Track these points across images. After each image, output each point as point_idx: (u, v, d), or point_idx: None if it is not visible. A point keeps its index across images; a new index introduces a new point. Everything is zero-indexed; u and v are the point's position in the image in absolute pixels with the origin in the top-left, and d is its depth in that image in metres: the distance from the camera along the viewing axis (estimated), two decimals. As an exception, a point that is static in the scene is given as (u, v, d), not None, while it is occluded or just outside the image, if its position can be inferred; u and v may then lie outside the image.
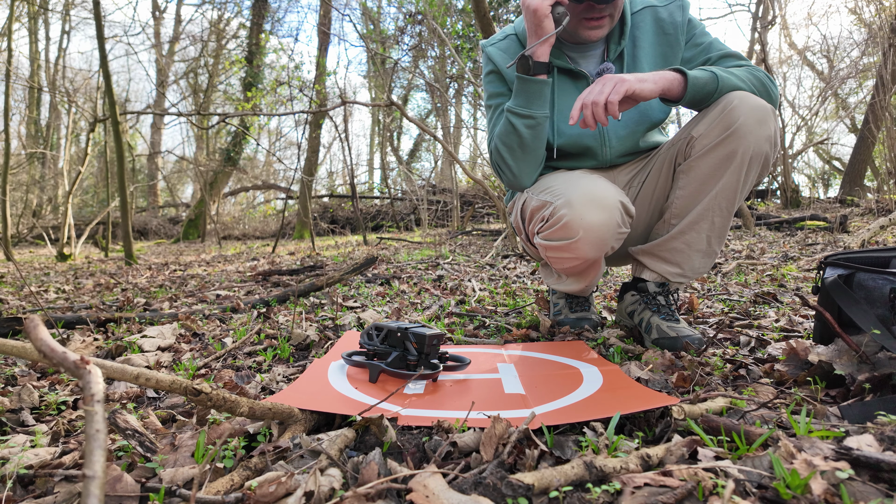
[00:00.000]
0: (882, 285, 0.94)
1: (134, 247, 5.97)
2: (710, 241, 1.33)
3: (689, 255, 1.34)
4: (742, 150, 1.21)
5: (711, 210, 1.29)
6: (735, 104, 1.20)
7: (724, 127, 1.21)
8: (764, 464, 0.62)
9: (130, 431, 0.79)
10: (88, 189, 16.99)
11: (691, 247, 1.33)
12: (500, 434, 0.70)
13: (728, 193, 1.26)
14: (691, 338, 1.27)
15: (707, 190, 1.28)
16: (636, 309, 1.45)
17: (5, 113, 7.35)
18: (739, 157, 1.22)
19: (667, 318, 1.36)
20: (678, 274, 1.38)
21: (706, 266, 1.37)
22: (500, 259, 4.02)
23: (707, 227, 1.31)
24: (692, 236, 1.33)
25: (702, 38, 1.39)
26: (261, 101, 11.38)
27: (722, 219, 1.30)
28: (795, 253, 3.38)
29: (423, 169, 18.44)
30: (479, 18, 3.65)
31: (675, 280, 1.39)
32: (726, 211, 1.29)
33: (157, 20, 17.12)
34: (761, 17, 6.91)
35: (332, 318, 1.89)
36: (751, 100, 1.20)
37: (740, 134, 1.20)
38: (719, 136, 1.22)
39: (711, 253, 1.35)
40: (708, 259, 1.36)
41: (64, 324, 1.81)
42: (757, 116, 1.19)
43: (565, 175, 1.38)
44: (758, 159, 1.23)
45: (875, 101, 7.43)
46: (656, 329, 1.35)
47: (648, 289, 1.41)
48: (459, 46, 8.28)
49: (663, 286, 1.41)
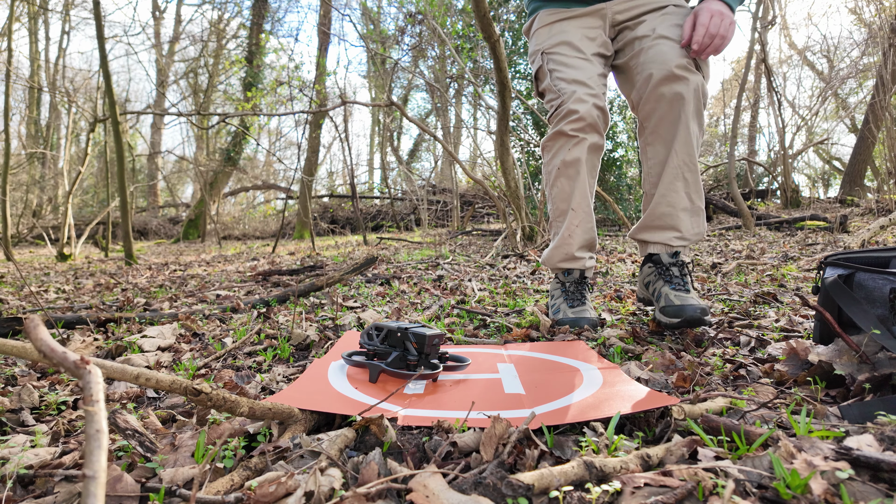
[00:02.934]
0: (882, 285, 0.94)
1: (134, 247, 5.97)
2: (690, 198, 1.48)
3: (676, 215, 1.48)
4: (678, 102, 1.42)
5: (679, 167, 1.46)
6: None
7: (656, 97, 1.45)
8: (764, 464, 0.62)
9: (130, 431, 0.79)
10: (88, 189, 16.99)
11: (676, 207, 1.48)
12: (500, 434, 0.70)
13: (686, 147, 1.45)
14: (694, 307, 1.32)
15: (668, 153, 1.47)
16: (651, 280, 1.52)
17: (5, 113, 7.35)
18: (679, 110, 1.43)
19: (676, 288, 1.41)
20: (678, 237, 1.49)
21: (698, 224, 1.50)
22: (500, 259, 4.03)
23: (682, 185, 1.47)
24: (673, 197, 1.47)
25: None
26: (261, 101, 11.38)
27: (691, 172, 1.47)
28: (795, 253, 3.38)
29: (423, 169, 18.45)
30: (479, 18, 3.65)
31: (677, 244, 1.50)
32: (692, 164, 1.47)
33: (157, 20, 17.12)
34: (761, 17, 6.91)
35: (332, 318, 1.89)
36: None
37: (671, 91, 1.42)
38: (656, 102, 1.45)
39: (697, 210, 1.49)
40: (696, 217, 1.50)
41: (64, 324, 1.81)
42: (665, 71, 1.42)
43: (571, 71, 1.57)
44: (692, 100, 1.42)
45: (875, 101, 7.43)
46: (664, 297, 1.40)
47: (662, 260, 1.50)
48: (459, 46, 8.28)
49: (676, 256, 1.50)
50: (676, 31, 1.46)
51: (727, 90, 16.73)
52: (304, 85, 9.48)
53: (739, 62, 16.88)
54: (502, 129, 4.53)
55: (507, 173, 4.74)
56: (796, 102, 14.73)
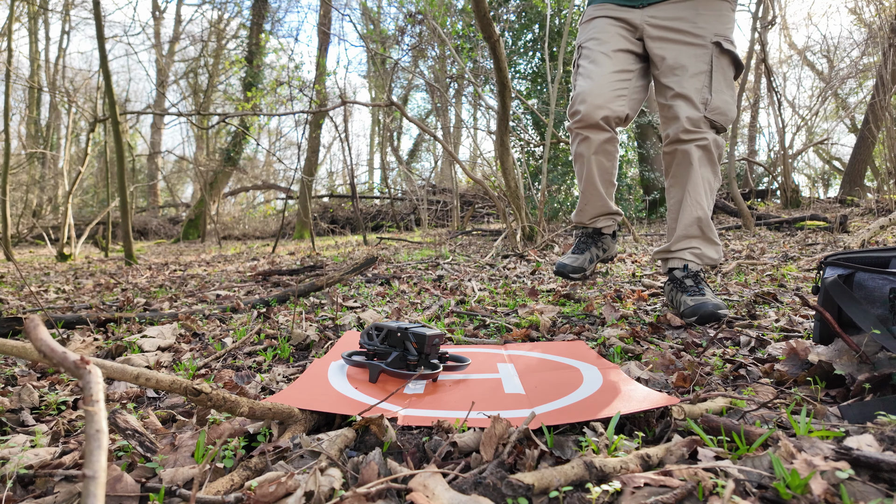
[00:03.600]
0: (882, 285, 0.94)
1: (134, 247, 5.97)
2: (702, 231, 1.69)
3: (692, 245, 1.70)
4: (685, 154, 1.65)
5: (692, 206, 1.68)
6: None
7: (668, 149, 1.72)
8: (764, 464, 0.62)
9: (130, 431, 0.79)
10: (88, 189, 16.99)
11: (692, 239, 1.70)
12: (500, 434, 0.70)
13: (696, 189, 1.67)
14: (707, 305, 1.52)
15: (682, 194, 1.70)
16: (671, 294, 1.73)
17: (5, 113, 7.35)
18: (688, 160, 1.65)
19: (692, 294, 1.61)
20: (693, 260, 1.71)
21: (713, 252, 1.71)
22: (500, 259, 4.03)
23: (696, 221, 1.68)
24: (689, 230, 1.70)
25: None
26: (261, 101, 11.39)
27: (703, 211, 1.67)
28: (795, 253, 3.38)
29: (423, 169, 18.45)
30: (479, 18, 3.65)
31: (692, 263, 1.71)
32: (703, 204, 1.67)
33: (157, 20, 17.12)
34: (761, 17, 6.91)
35: (332, 318, 1.89)
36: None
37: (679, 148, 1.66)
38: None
39: (710, 241, 1.71)
40: (711, 245, 1.71)
41: (64, 324, 1.81)
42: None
43: (588, 67, 1.71)
44: (706, 154, 1.65)
45: (875, 101, 7.43)
46: (683, 304, 1.61)
47: (676, 275, 1.71)
48: (459, 46, 8.28)
49: (687, 270, 1.70)
50: (697, 84, 1.58)
51: (727, 90, 16.67)
52: (304, 85, 9.49)
53: (739, 62, 16.82)
54: (502, 129, 4.53)
55: (507, 173, 4.74)
56: (796, 102, 14.74)
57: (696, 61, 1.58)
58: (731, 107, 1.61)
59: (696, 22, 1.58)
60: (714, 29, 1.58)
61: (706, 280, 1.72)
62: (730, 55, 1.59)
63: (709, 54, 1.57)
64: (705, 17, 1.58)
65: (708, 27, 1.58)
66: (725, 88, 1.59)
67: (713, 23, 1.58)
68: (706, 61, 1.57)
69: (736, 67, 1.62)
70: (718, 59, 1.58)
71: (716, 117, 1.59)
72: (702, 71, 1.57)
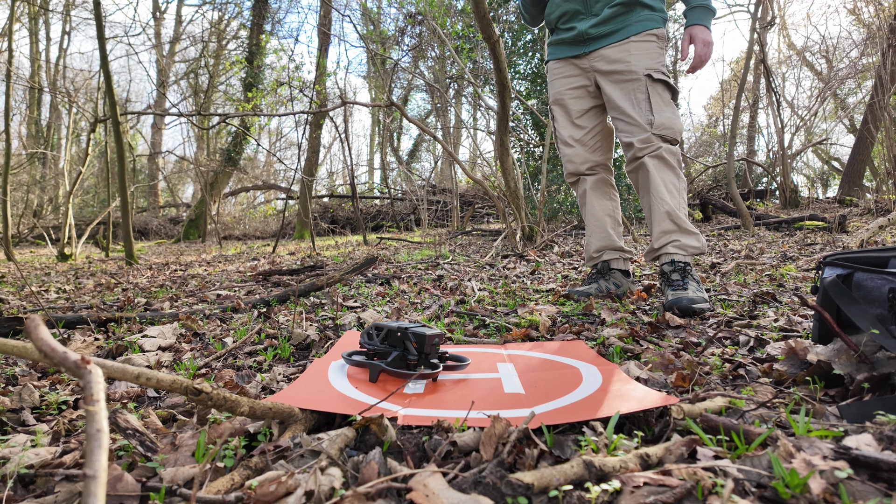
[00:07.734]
0: (881, 285, 0.94)
1: (134, 247, 5.97)
2: (678, 225, 1.86)
3: (672, 236, 1.87)
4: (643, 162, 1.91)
5: (661, 207, 1.87)
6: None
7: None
8: (763, 463, 0.62)
9: (131, 431, 0.79)
10: (89, 189, 16.99)
11: (669, 234, 1.87)
12: (499, 433, 0.70)
13: (657, 189, 1.87)
14: (681, 299, 1.66)
15: (649, 198, 1.90)
16: (662, 288, 1.85)
17: (6, 113, 7.35)
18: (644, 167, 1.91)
19: (675, 289, 1.74)
20: (678, 252, 1.86)
21: (693, 241, 1.87)
22: (500, 259, 4.03)
23: (668, 219, 1.86)
24: (665, 227, 1.87)
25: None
26: (261, 101, 11.38)
27: (673, 209, 1.85)
28: (794, 253, 3.39)
29: (423, 169, 18.45)
30: (479, 19, 3.66)
31: (679, 256, 1.85)
32: (671, 203, 1.86)
33: (158, 21, 17.13)
34: (760, 18, 6.91)
35: (332, 318, 1.89)
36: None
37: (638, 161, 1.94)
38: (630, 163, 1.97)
39: (686, 231, 1.87)
40: (689, 235, 1.87)
41: (65, 324, 1.81)
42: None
43: (563, 134, 2.13)
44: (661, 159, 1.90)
45: (874, 102, 7.43)
46: (666, 298, 1.74)
47: (665, 270, 1.85)
48: (459, 47, 8.28)
49: (674, 264, 1.83)
50: (641, 110, 1.88)
51: (726, 90, 16.72)
52: (304, 85, 9.49)
53: (738, 62, 16.88)
54: (502, 130, 4.53)
55: (506, 173, 4.74)
56: (795, 103, 14.72)
57: (635, 94, 1.89)
58: (675, 121, 1.88)
59: (630, 61, 1.90)
60: (644, 64, 1.89)
61: (693, 275, 1.81)
62: (662, 82, 1.89)
63: (644, 85, 1.88)
64: (637, 56, 1.90)
65: (640, 64, 1.89)
66: (665, 107, 1.88)
67: (643, 59, 1.90)
68: (643, 91, 1.88)
69: (671, 91, 1.91)
70: (653, 87, 1.88)
71: (663, 132, 1.86)
72: (641, 99, 1.88)
